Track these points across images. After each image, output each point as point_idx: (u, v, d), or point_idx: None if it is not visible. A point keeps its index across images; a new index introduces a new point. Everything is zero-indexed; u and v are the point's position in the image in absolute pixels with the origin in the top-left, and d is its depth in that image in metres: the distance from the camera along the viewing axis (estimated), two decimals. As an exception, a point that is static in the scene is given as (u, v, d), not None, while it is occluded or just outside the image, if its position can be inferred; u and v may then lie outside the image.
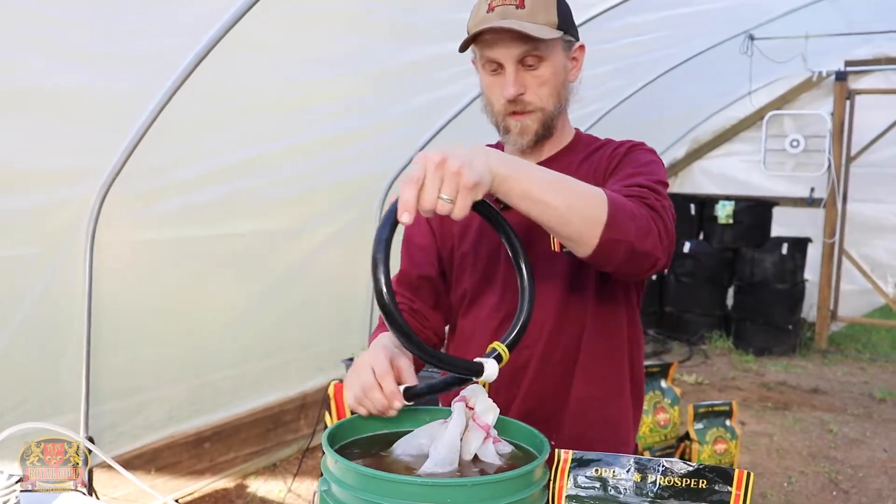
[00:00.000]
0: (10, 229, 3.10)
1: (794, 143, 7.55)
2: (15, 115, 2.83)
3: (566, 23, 1.63)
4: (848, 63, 7.41)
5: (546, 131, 1.67)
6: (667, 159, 8.46)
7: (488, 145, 1.83)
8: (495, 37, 1.57)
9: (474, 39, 1.59)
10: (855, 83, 7.47)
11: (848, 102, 7.42)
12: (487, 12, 1.58)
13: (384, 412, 1.38)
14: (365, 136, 4.34)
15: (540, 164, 1.70)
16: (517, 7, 1.57)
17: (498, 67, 1.62)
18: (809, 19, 6.05)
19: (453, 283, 1.81)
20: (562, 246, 1.61)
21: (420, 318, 1.80)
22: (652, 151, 1.69)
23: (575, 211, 1.32)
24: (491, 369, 1.30)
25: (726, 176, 8.26)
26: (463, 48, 1.63)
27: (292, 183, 4.19)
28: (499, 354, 1.33)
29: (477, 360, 1.31)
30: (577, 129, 1.79)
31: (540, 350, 1.68)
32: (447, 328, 1.88)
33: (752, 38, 6.37)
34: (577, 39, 1.69)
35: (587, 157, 1.71)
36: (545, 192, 1.30)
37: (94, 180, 3.27)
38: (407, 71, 4.04)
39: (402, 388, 1.38)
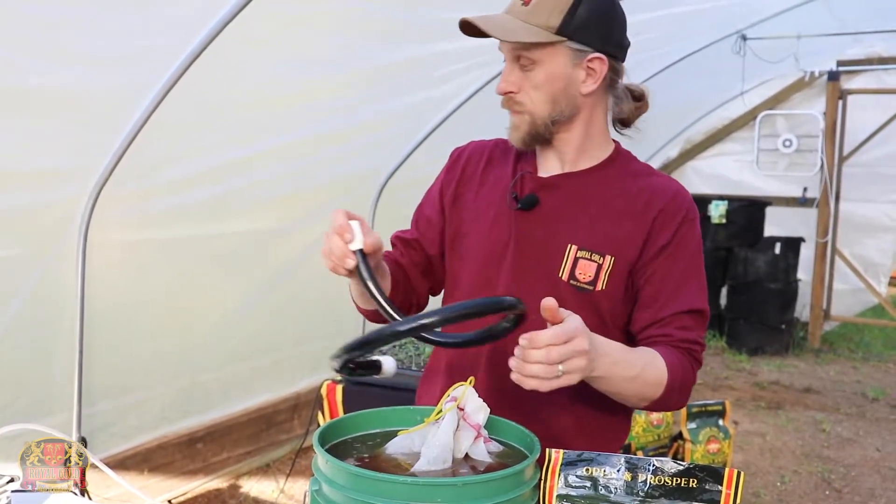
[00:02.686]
0: (2, 229, 3.09)
1: (787, 143, 7.57)
2: (7, 114, 2.82)
3: (578, 29, 1.52)
4: (840, 63, 7.43)
5: (535, 138, 1.60)
6: (659, 159, 8.47)
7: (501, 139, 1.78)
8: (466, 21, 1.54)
9: (465, 26, 1.56)
10: (847, 83, 7.48)
11: (840, 102, 7.43)
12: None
13: (341, 260, 1.46)
14: (358, 135, 4.33)
15: (575, 174, 1.64)
16: (524, 3, 1.54)
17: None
18: (801, 19, 6.06)
19: (449, 270, 1.78)
20: (570, 276, 1.58)
21: (402, 271, 1.76)
22: (696, 220, 1.63)
23: (638, 395, 1.50)
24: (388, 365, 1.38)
25: (719, 176, 8.27)
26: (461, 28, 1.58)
27: (284, 181, 4.18)
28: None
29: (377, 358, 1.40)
30: (616, 143, 1.71)
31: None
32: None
33: (744, 38, 6.39)
34: (598, 49, 1.56)
35: (624, 187, 1.62)
36: (625, 384, 1.45)
37: (85, 180, 3.26)
38: (400, 69, 4.04)
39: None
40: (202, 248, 3.96)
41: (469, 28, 1.57)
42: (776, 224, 7.65)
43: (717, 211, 7.54)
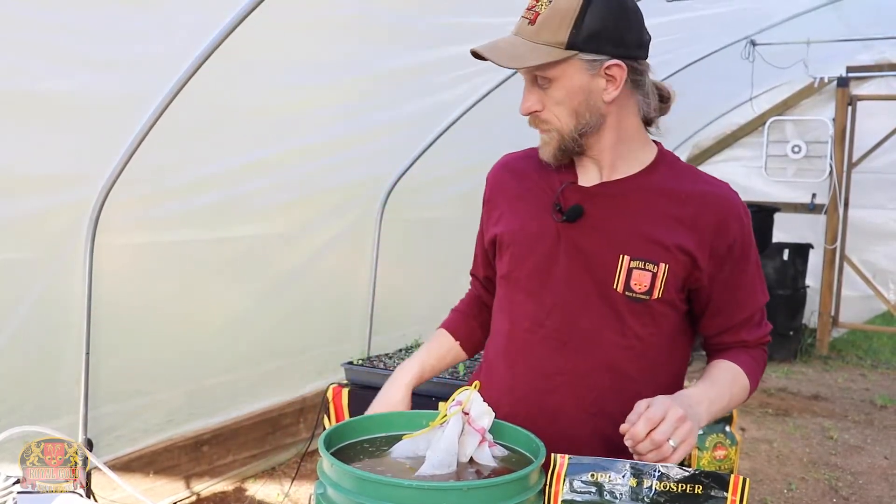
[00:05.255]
0: (9, 233, 3.10)
1: (796, 149, 7.55)
2: (14, 120, 2.83)
3: (588, 40, 1.48)
4: (849, 69, 7.41)
5: (565, 153, 1.57)
6: (668, 164, 8.45)
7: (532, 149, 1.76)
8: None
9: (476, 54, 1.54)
10: (856, 89, 7.47)
11: (849, 108, 7.41)
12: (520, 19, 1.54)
13: None
14: (365, 140, 4.34)
15: (625, 180, 1.61)
16: (529, 23, 1.50)
17: None
18: (811, 25, 6.05)
19: (497, 286, 1.76)
20: (626, 287, 1.55)
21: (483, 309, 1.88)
22: (749, 219, 1.67)
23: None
24: None
25: (727, 181, 8.11)
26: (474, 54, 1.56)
27: (291, 187, 4.19)
28: None
29: None
30: (659, 145, 1.67)
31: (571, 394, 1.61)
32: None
33: (753, 43, 6.38)
34: (613, 55, 1.51)
35: (672, 192, 1.59)
36: (721, 412, 1.56)
37: (93, 184, 3.27)
38: (407, 75, 4.04)
39: None
40: (209, 253, 3.97)
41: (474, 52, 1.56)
42: (784, 230, 7.63)
43: (725, 217, 7.51)
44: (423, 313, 5.25)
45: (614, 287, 1.55)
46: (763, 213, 7.53)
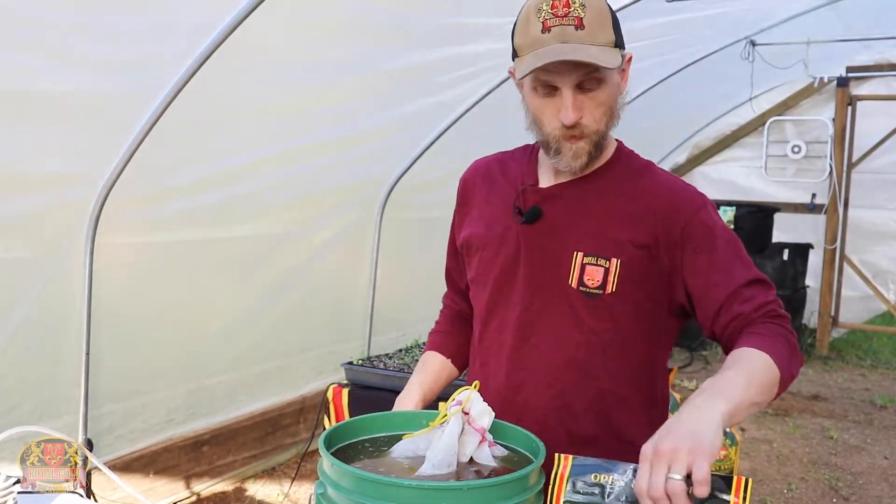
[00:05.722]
0: (10, 232, 3.10)
1: (796, 149, 7.55)
2: (15, 118, 2.83)
3: (620, 36, 1.51)
4: (849, 69, 7.41)
5: (598, 151, 1.58)
6: (668, 164, 8.46)
7: (527, 145, 1.77)
8: (554, 62, 1.45)
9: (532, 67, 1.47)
10: (856, 89, 7.47)
11: (849, 108, 7.41)
12: (542, 32, 1.46)
13: None
14: (365, 140, 4.34)
15: (580, 180, 1.63)
16: (576, 28, 1.45)
17: (552, 90, 1.52)
18: (811, 25, 6.06)
19: (469, 285, 1.80)
20: (580, 283, 1.57)
21: (467, 324, 1.86)
22: (708, 206, 1.60)
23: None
24: None
25: (727, 181, 8.25)
26: (521, 75, 1.50)
27: (292, 187, 4.19)
28: None
29: None
30: (618, 141, 1.70)
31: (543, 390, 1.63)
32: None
33: (753, 43, 6.38)
34: (624, 47, 1.55)
35: (625, 189, 1.61)
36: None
37: (93, 184, 3.27)
38: (407, 75, 4.04)
39: None
40: (209, 253, 3.96)
41: (523, 71, 1.49)
42: (784, 230, 7.63)
43: (724, 217, 7.52)
44: (423, 313, 5.24)
45: (569, 283, 1.58)
46: (763, 213, 7.53)
